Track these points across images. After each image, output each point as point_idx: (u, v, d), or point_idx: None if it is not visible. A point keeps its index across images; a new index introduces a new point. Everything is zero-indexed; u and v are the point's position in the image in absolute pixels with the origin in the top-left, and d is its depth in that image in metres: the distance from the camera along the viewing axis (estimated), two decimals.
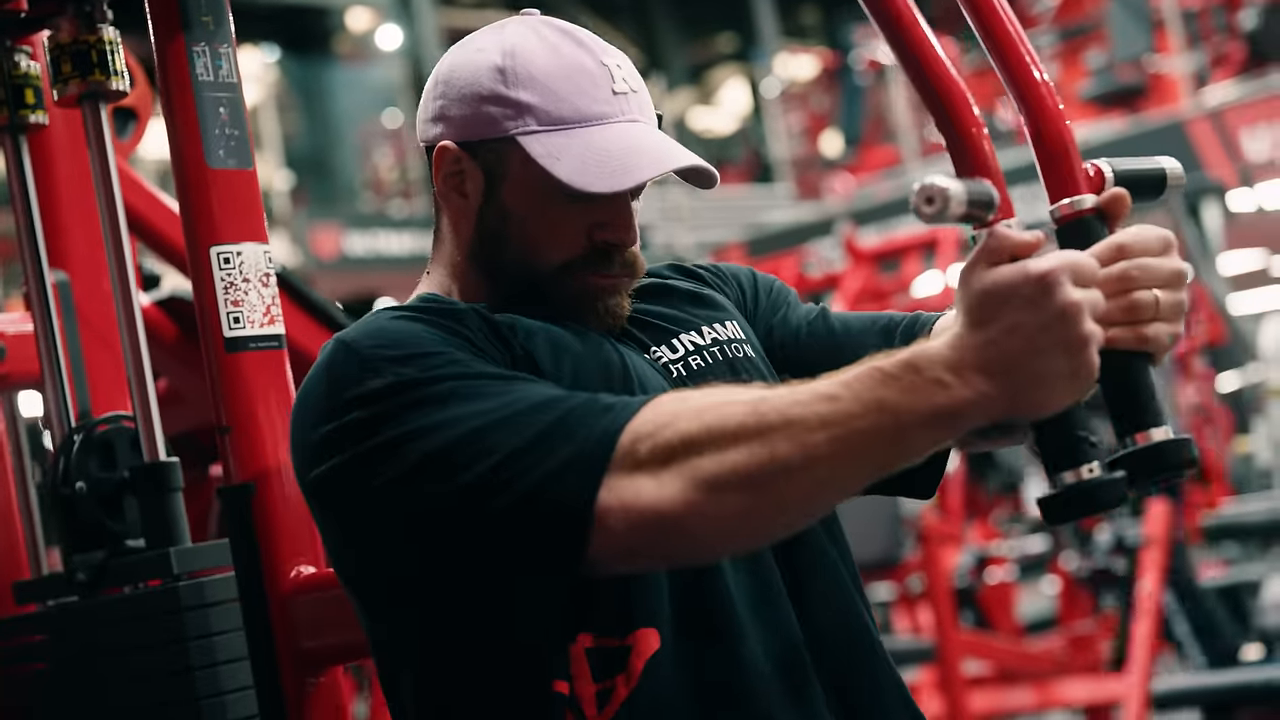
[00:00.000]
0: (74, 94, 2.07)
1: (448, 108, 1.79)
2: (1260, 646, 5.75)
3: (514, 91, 1.75)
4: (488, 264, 1.80)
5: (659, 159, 1.75)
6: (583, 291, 1.77)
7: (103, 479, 2.18)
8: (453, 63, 1.81)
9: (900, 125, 16.21)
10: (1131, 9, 14.12)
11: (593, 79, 1.76)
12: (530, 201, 1.76)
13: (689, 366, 1.81)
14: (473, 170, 1.78)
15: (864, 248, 9.19)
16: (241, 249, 1.97)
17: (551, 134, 1.73)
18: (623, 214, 1.78)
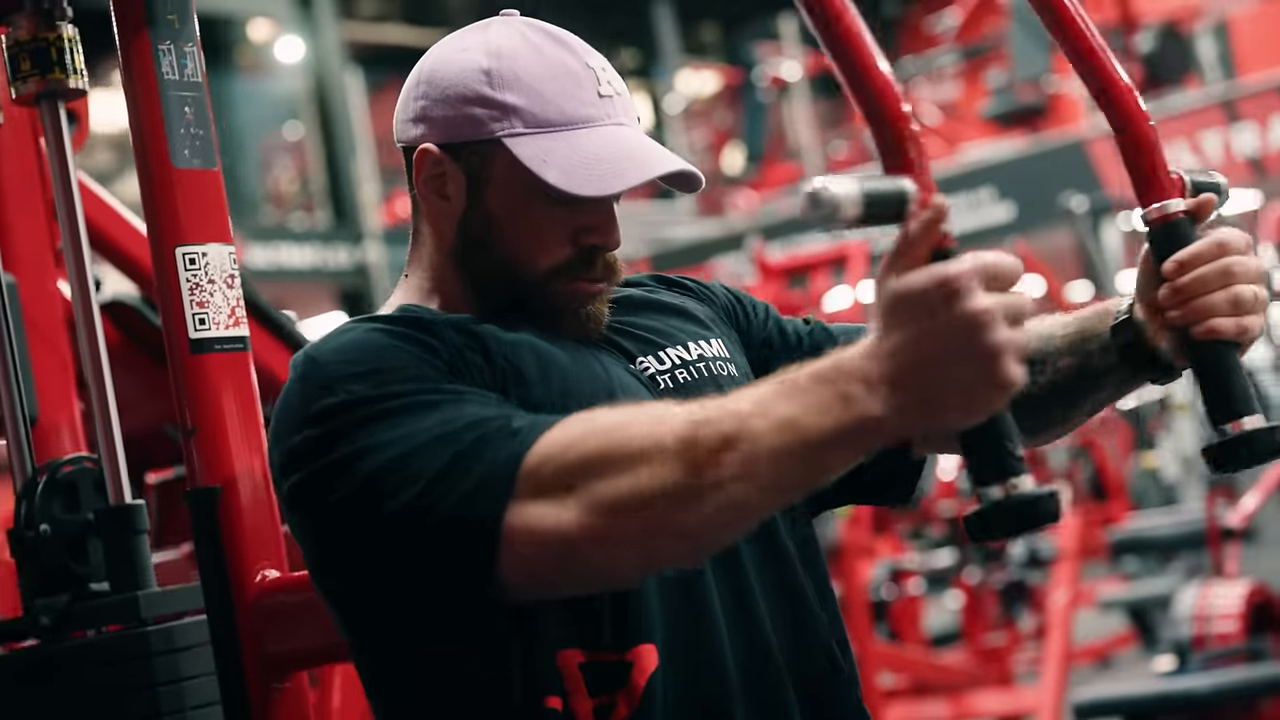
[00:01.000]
0: (32, 92, 2.03)
1: (430, 108, 1.76)
2: (1173, 658, 5.82)
3: (500, 93, 1.72)
4: (471, 268, 1.77)
5: (648, 163, 1.73)
6: (569, 297, 1.75)
7: (66, 521, 2.14)
8: (435, 62, 1.79)
9: (803, 142, 16.31)
10: (1031, 30, 14.27)
11: (578, 81, 1.74)
12: (515, 205, 1.74)
13: (676, 380, 1.80)
14: (455, 173, 1.75)
15: (773, 263, 9.23)
16: (207, 250, 1.94)
17: (538, 136, 1.71)
18: (608, 217, 1.77)
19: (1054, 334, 1.87)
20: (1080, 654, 9.08)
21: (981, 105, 15.20)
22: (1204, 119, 12.79)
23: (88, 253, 2.06)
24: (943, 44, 17.86)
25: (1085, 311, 1.88)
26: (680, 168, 1.75)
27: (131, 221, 2.71)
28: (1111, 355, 1.83)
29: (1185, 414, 7.89)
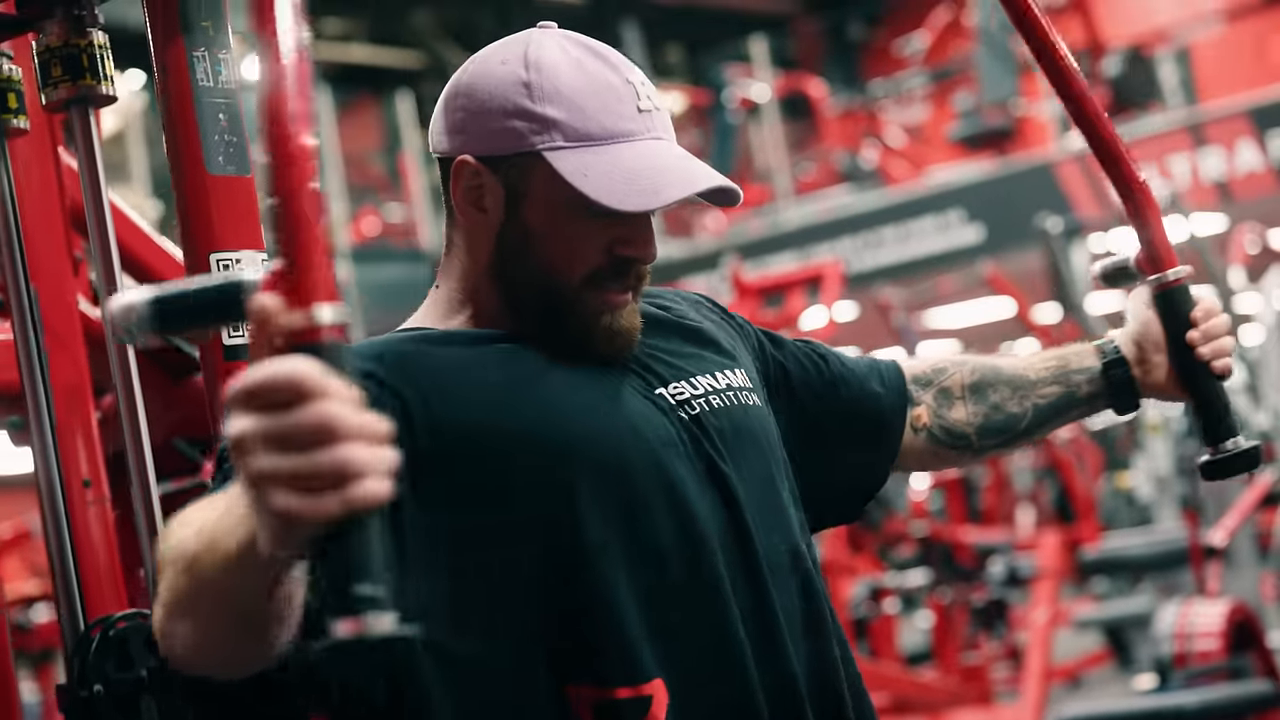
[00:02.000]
0: (63, 98, 2.03)
1: (468, 120, 1.77)
2: (1154, 676, 5.84)
3: (540, 106, 1.73)
4: (506, 280, 1.78)
5: (687, 179, 1.74)
6: (598, 310, 1.76)
7: (120, 679, 2.12)
8: (474, 74, 1.79)
9: (772, 163, 16.34)
10: (998, 53, 14.38)
11: (618, 95, 1.75)
12: (553, 218, 1.75)
13: (699, 408, 1.81)
14: (493, 184, 1.76)
15: (750, 282, 9.25)
16: (241, 256, 1.95)
17: (578, 150, 1.72)
18: (645, 231, 1.78)
19: (1034, 365, 2.19)
20: (1055, 673, 9.11)
21: (950, 128, 15.27)
22: (1171, 143, 12.87)
23: (117, 259, 2.05)
24: (911, 67, 17.94)
25: (1064, 350, 2.22)
26: (720, 183, 1.76)
27: (145, 231, 2.71)
28: (1098, 385, 2.19)
29: (1158, 434, 7.93)
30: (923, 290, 12.42)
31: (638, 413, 1.75)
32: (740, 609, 1.71)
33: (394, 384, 1.64)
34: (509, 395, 1.71)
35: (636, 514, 1.69)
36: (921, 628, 10.38)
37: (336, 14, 22.32)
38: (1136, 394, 2.20)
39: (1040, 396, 2.18)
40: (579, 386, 1.74)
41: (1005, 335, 15.09)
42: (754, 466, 1.83)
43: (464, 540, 1.63)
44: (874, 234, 13.82)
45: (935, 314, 15.88)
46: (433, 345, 1.75)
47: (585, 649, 1.64)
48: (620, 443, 1.71)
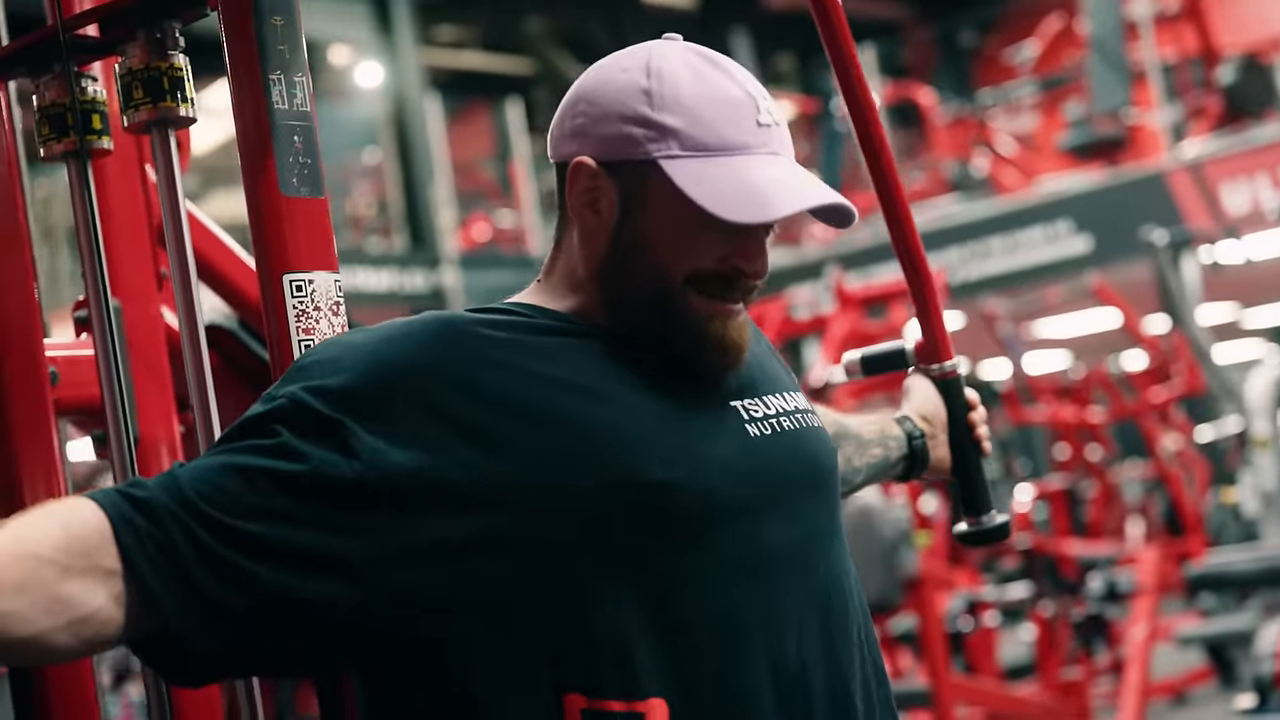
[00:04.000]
0: (144, 120, 2.06)
1: (588, 125, 1.78)
2: (1254, 695, 5.76)
3: (659, 114, 1.74)
4: (614, 282, 1.79)
5: (801, 195, 1.74)
6: (707, 316, 1.76)
7: None
8: (595, 80, 1.81)
9: None
10: (1110, 62, 14.23)
11: (737, 108, 1.76)
12: (666, 225, 1.75)
13: (780, 426, 1.82)
14: (609, 189, 1.77)
15: (852, 292, 9.21)
16: (313, 277, 1.96)
17: (694, 160, 1.73)
18: (758, 245, 1.78)
19: (865, 426, 2.37)
20: (1156, 689, 9.01)
21: (1060, 137, 15.13)
22: None
23: (195, 279, 2.08)
24: (1021, 75, 17.80)
25: (877, 417, 2.42)
26: (834, 201, 1.76)
27: (230, 246, 2.75)
28: (903, 453, 2.39)
29: (1266, 450, 7.81)
30: (1029, 301, 12.30)
31: (710, 428, 1.75)
32: (769, 644, 1.71)
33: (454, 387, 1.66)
34: (594, 391, 1.71)
35: (686, 538, 1.68)
36: (1025, 641, 10.29)
37: (450, 21, 22.47)
38: (925, 466, 2.42)
39: (871, 455, 2.34)
40: (648, 392, 1.74)
41: (1112, 346, 14.92)
42: (817, 494, 1.84)
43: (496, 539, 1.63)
44: (981, 244, 13.73)
45: (1043, 325, 15.74)
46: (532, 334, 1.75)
47: (586, 659, 1.63)
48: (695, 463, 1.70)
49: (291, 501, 1.60)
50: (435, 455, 1.62)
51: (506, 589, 1.63)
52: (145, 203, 2.48)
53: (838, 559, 1.84)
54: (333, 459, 1.61)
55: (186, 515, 1.57)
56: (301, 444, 1.62)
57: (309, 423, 1.63)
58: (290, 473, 1.60)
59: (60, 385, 2.33)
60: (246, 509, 1.59)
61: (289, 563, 1.59)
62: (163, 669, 1.63)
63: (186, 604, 1.56)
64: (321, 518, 1.60)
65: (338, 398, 1.64)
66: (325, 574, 1.60)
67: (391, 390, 1.65)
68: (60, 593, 1.50)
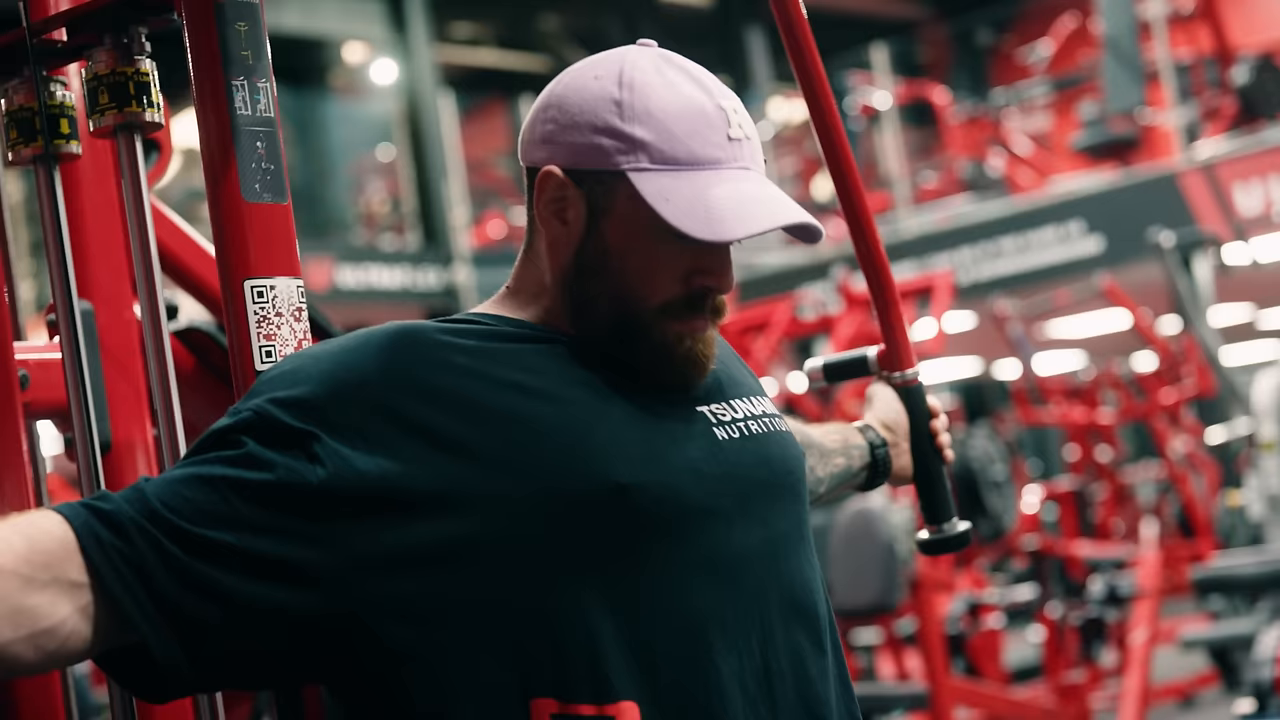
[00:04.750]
0: (110, 125, 2.06)
1: (557, 133, 1.78)
2: (1253, 701, 5.74)
3: (629, 126, 1.73)
4: (580, 295, 1.79)
5: (769, 213, 1.73)
6: (676, 335, 1.76)
7: None
8: (567, 86, 1.80)
9: (892, 172, 16.25)
10: (1124, 62, 14.18)
11: (709, 121, 1.75)
12: (633, 239, 1.75)
13: (748, 430, 1.82)
14: (576, 199, 1.77)
15: (859, 292, 9.19)
16: (275, 283, 1.96)
17: (663, 174, 1.72)
18: (723, 261, 1.78)
19: (827, 436, 2.36)
20: (1162, 692, 8.99)
21: (1073, 137, 15.10)
22: None
23: (159, 283, 2.08)
24: (1035, 75, 17.76)
25: (840, 426, 2.42)
26: (801, 220, 1.75)
27: (206, 249, 2.75)
28: (865, 462, 2.39)
29: (1272, 452, 7.79)
30: (1039, 302, 12.27)
31: (677, 431, 1.75)
32: (739, 644, 1.71)
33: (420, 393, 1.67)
34: (557, 395, 1.71)
35: (652, 541, 1.69)
36: (1034, 643, 10.27)
37: (465, 18, 22.47)
38: (886, 475, 2.43)
39: (834, 465, 2.34)
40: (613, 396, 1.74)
41: (1124, 347, 14.90)
42: (784, 498, 1.84)
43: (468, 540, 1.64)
44: (993, 244, 13.70)
45: (1055, 325, 15.71)
46: (494, 341, 1.75)
47: (556, 663, 1.64)
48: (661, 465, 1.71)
49: (258, 511, 1.60)
50: (400, 462, 1.63)
51: (475, 594, 1.63)
52: (120, 205, 2.49)
53: (805, 563, 1.84)
54: (298, 467, 1.61)
55: (153, 527, 1.57)
56: (267, 453, 1.62)
57: (275, 433, 1.64)
58: (256, 482, 1.61)
59: (32, 388, 2.33)
60: (213, 519, 1.59)
61: (257, 572, 1.59)
62: (132, 684, 1.64)
63: (155, 617, 1.56)
64: (288, 527, 1.60)
65: (303, 409, 1.65)
66: (293, 583, 1.60)
67: (356, 400, 1.65)
68: (23, 604, 1.51)
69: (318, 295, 15.85)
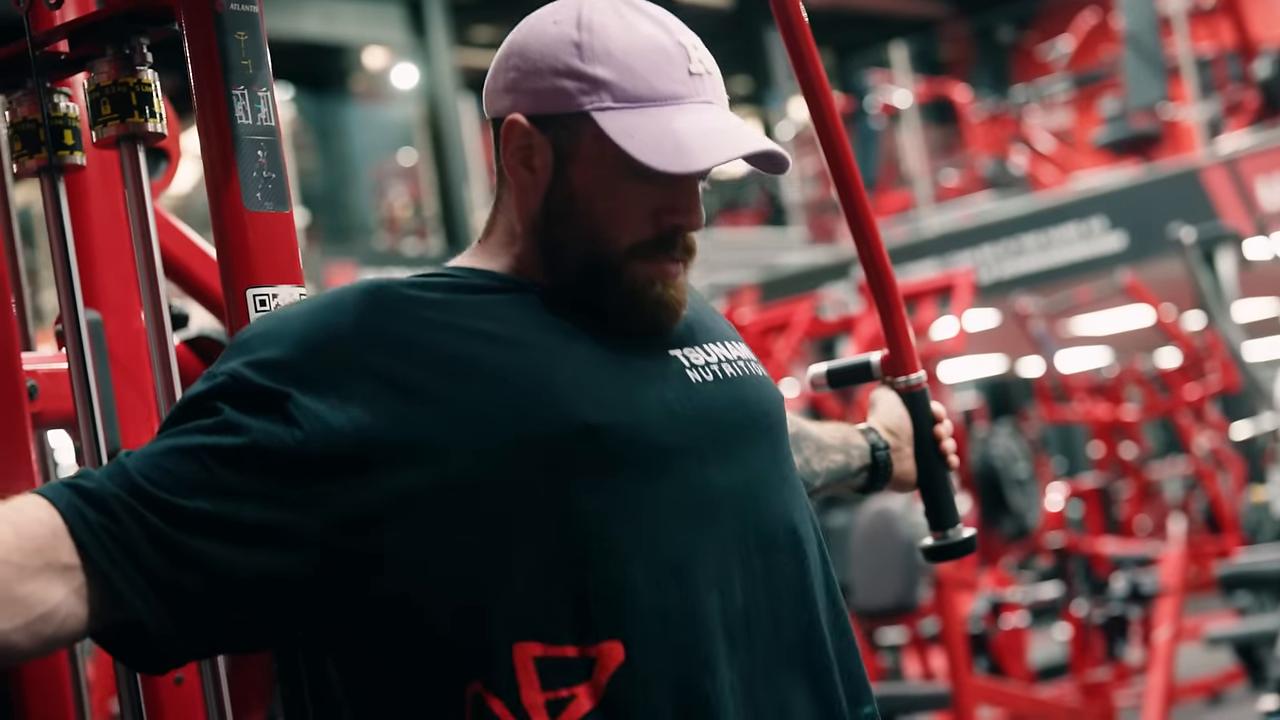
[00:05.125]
0: (112, 136, 2.07)
1: (520, 80, 1.78)
2: (1277, 697, 5.72)
3: (590, 66, 1.74)
4: (550, 240, 1.79)
5: (734, 143, 1.75)
6: (646, 280, 1.77)
7: None
8: (527, 34, 1.81)
9: (914, 170, 16.23)
10: (1146, 57, 14.14)
11: (669, 57, 1.76)
12: (599, 179, 1.75)
13: (722, 373, 1.82)
14: (542, 145, 1.77)
15: None
16: (277, 291, 1.97)
17: (626, 111, 1.73)
18: (691, 197, 1.78)
19: (826, 432, 2.36)
20: (1189, 690, 8.96)
21: (1094, 133, 15.05)
22: None
23: (163, 292, 2.09)
24: (1055, 71, 17.72)
25: (841, 426, 2.42)
26: (766, 147, 1.77)
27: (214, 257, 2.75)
28: (865, 463, 2.39)
29: None
30: (1061, 299, 12.24)
31: (648, 372, 1.76)
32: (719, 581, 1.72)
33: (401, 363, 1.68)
34: (523, 342, 1.72)
35: (627, 481, 1.69)
36: (1059, 640, 10.24)
37: (486, 22, 22.48)
38: (888, 478, 2.43)
39: (831, 461, 2.33)
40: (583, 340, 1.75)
41: (1149, 344, 14.85)
42: (761, 439, 1.84)
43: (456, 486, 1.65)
44: (1015, 241, 13.67)
45: (1079, 322, 15.67)
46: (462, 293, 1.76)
47: (537, 606, 1.64)
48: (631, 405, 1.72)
49: (237, 476, 1.61)
50: (373, 416, 1.64)
51: (454, 540, 1.65)
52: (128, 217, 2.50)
53: (786, 503, 1.84)
54: (273, 429, 1.63)
55: (136, 501, 1.59)
56: (242, 418, 1.63)
57: (249, 396, 1.65)
58: (233, 446, 1.62)
59: (41, 398, 2.34)
60: (193, 488, 1.60)
61: (242, 538, 1.61)
62: (128, 658, 1.66)
63: (145, 590, 1.58)
64: (267, 490, 1.62)
65: (276, 369, 1.66)
66: (275, 546, 1.62)
67: (327, 356, 1.67)
68: (17, 594, 1.52)
69: None
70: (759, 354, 9.17)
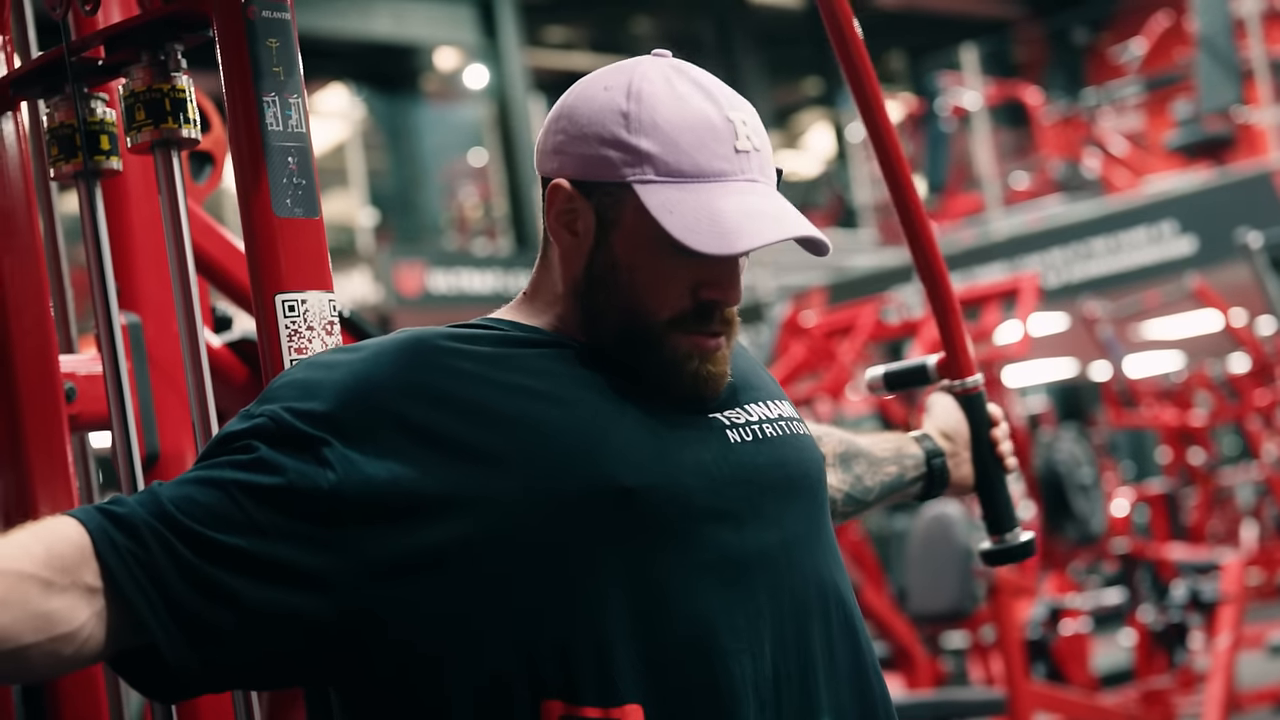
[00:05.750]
0: (147, 141, 2.09)
1: (567, 144, 1.78)
2: None
3: (635, 138, 1.73)
4: (591, 306, 1.79)
5: (773, 227, 1.73)
6: (685, 354, 1.76)
7: None
8: (578, 98, 1.81)
9: (984, 173, 16.15)
10: (1220, 60, 14.01)
11: (716, 134, 1.74)
12: (640, 251, 1.75)
13: (761, 433, 1.81)
14: (585, 210, 1.77)
15: None
16: (306, 297, 1.98)
17: (668, 186, 1.72)
18: (730, 274, 1.77)
19: (878, 444, 2.35)
20: (1255, 698, 8.87)
21: (1167, 136, 14.93)
22: None
23: (195, 295, 2.11)
24: (1128, 74, 17.59)
25: (895, 435, 2.41)
26: (806, 233, 1.75)
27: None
28: (921, 472, 2.38)
29: None
30: (1129, 304, 12.15)
31: (685, 446, 1.75)
32: (750, 647, 1.71)
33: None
34: (563, 399, 1.72)
35: (659, 545, 1.69)
36: (1125, 646, 10.17)
37: (559, 22, 22.56)
38: (945, 485, 2.42)
39: (885, 474, 2.33)
40: (623, 400, 1.74)
41: (1221, 349, 14.71)
42: (800, 500, 1.83)
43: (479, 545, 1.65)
44: (1084, 245, 13.57)
45: (1149, 326, 15.55)
46: (503, 346, 1.77)
47: (563, 664, 1.64)
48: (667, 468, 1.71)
49: (270, 515, 1.62)
50: (410, 468, 1.64)
51: (484, 596, 1.64)
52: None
53: (822, 564, 1.83)
54: (309, 471, 1.63)
55: (167, 531, 1.59)
56: (279, 457, 1.64)
57: (287, 438, 1.65)
58: (267, 486, 1.62)
59: (80, 400, 2.37)
60: (225, 523, 1.61)
61: (268, 576, 1.61)
62: (144, 685, 1.66)
63: (168, 620, 1.58)
64: (298, 531, 1.62)
65: (316, 418, 1.66)
66: (303, 588, 1.62)
67: (367, 409, 1.67)
68: (43, 609, 1.53)
69: (411, 300, 15.95)
70: (823, 357, 9.18)
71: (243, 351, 2.88)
